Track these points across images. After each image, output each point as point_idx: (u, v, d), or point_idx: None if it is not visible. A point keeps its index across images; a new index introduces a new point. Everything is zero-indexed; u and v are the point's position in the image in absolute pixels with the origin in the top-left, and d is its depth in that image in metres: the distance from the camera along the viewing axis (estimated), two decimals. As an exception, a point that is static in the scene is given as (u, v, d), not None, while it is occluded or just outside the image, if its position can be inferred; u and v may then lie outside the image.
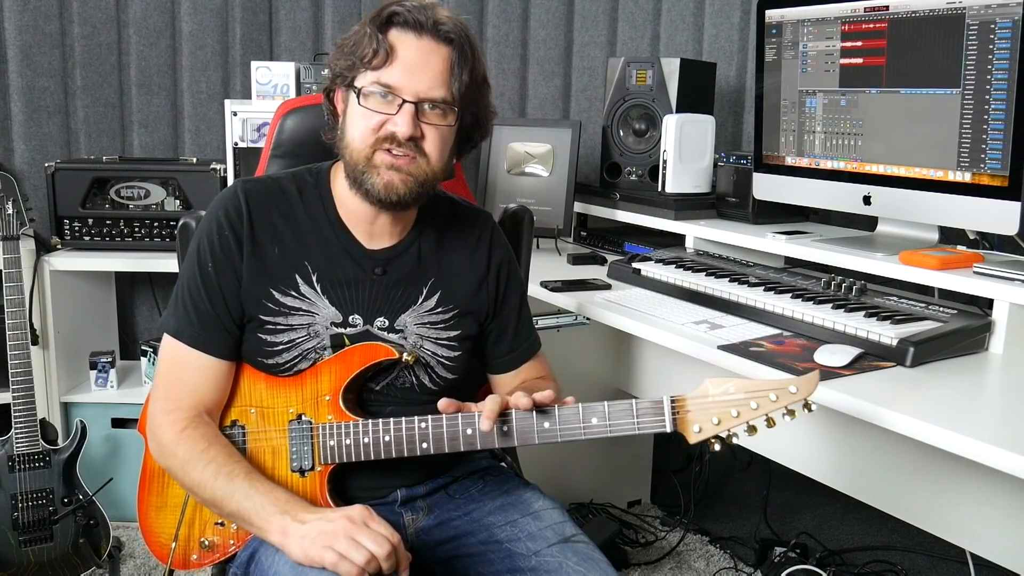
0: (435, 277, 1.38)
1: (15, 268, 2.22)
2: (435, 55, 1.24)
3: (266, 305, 1.30)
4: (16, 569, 2.19)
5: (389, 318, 1.35)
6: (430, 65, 1.24)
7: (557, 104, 2.97)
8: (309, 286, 1.32)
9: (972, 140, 1.67)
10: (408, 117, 1.23)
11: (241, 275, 1.30)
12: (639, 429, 1.18)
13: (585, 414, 1.20)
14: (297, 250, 1.32)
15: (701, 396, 1.17)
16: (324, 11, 2.88)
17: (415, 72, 1.23)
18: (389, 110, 1.24)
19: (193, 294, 1.31)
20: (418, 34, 1.23)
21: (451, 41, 1.24)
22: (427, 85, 1.23)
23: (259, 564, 1.25)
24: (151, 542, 1.38)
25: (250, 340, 1.33)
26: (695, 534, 2.58)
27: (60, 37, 2.71)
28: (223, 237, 1.30)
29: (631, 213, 2.40)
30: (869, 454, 1.61)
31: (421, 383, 1.37)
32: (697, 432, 1.16)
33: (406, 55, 1.23)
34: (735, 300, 1.74)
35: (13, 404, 2.20)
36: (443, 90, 1.24)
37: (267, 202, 1.33)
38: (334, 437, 1.28)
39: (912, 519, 1.58)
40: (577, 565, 1.26)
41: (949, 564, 2.29)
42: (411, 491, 1.38)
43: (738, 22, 2.62)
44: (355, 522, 1.16)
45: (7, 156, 2.70)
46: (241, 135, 2.55)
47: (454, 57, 1.24)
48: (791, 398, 1.14)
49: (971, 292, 1.62)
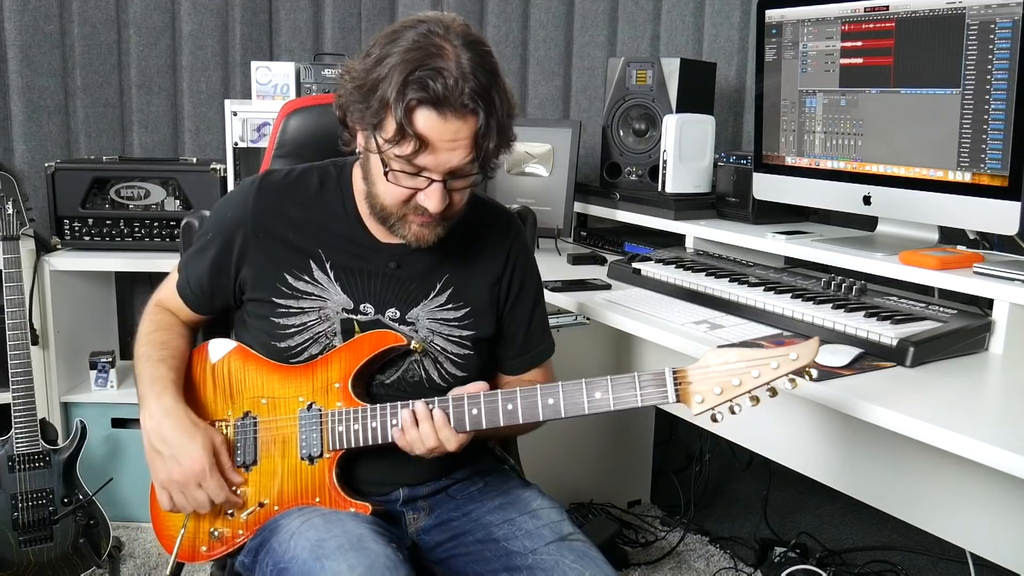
0: (450, 273, 1.39)
1: (15, 268, 2.22)
2: (462, 130, 1.19)
3: (279, 288, 1.35)
4: (16, 569, 2.19)
5: (401, 310, 1.37)
6: (457, 143, 1.20)
7: (557, 104, 2.97)
8: (323, 272, 1.35)
9: (972, 140, 1.67)
10: (438, 195, 1.23)
11: (241, 260, 1.37)
12: (642, 401, 1.19)
13: (589, 388, 1.21)
14: (311, 238, 1.36)
15: (703, 366, 1.17)
16: (324, 11, 2.87)
17: (443, 153, 1.20)
18: (418, 184, 1.24)
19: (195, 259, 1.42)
20: (443, 116, 1.18)
21: (475, 110, 1.19)
22: (456, 162, 1.21)
23: (271, 551, 1.26)
24: (161, 535, 1.39)
25: (261, 324, 1.36)
26: (695, 534, 2.58)
27: (60, 37, 2.71)
28: (226, 220, 1.39)
29: (631, 213, 2.40)
30: (869, 454, 1.61)
31: (430, 378, 1.38)
32: (700, 403, 1.16)
33: (433, 139, 1.19)
34: (735, 300, 1.74)
35: (13, 404, 2.20)
36: (470, 160, 1.22)
37: (283, 192, 1.39)
38: (342, 423, 1.30)
39: (912, 519, 1.57)
40: (574, 563, 1.26)
41: (949, 564, 2.29)
42: (413, 491, 1.39)
43: (738, 22, 2.62)
44: (188, 481, 1.28)
45: (7, 156, 2.70)
46: (241, 135, 2.55)
47: (481, 128, 1.20)
48: (792, 365, 1.14)
49: (971, 292, 1.62)
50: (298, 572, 1.18)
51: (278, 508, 1.32)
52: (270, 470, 1.33)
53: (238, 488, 1.33)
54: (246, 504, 1.33)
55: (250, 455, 1.34)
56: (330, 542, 1.19)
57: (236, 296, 1.41)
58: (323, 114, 1.70)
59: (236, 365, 1.38)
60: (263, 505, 1.33)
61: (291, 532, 1.24)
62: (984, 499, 1.45)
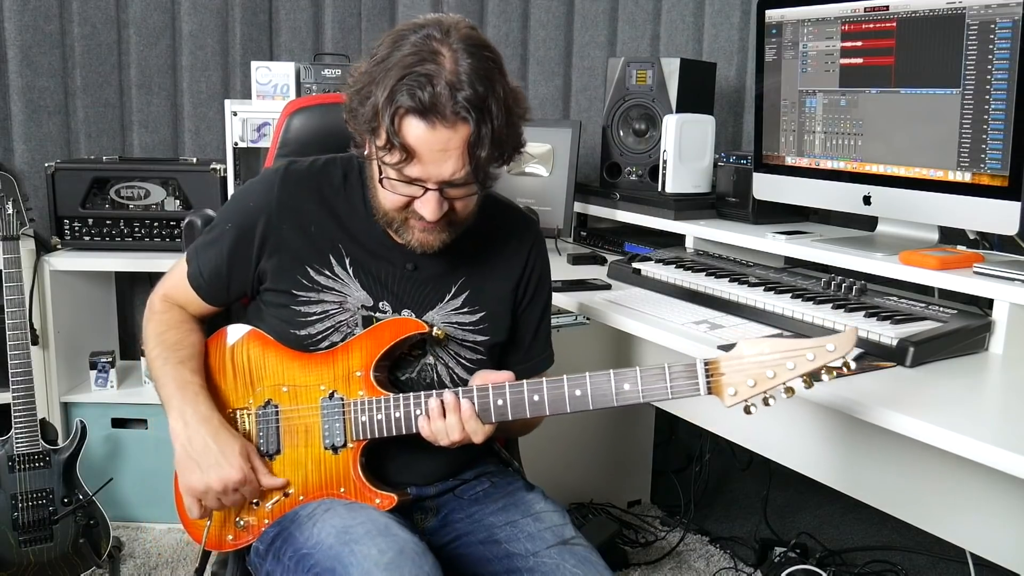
0: (466, 277, 1.39)
1: (15, 268, 2.22)
2: (453, 139, 1.17)
3: (300, 281, 1.34)
4: (16, 569, 2.19)
5: (417, 312, 1.37)
6: (448, 153, 1.18)
7: (557, 104, 2.97)
8: (342, 268, 1.35)
9: (972, 140, 1.67)
10: (434, 204, 1.23)
11: (262, 250, 1.35)
12: (672, 394, 1.16)
13: (617, 380, 1.19)
14: (333, 233, 1.36)
15: (736, 357, 1.13)
16: (324, 11, 2.87)
17: (433, 164, 1.19)
18: (413, 192, 1.23)
19: (208, 247, 1.39)
20: (431, 125, 1.16)
21: (466, 119, 1.16)
22: (449, 171, 1.20)
23: (290, 539, 1.26)
24: (188, 525, 1.39)
25: (281, 313, 1.35)
26: (695, 534, 2.58)
27: (60, 37, 2.71)
28: (248, 209, 1.37)
29: (631, 213, 2.40)
30: (869, 454, 1.61)
31: (442, 381, 1.38)
32: (732, 395, 1.13)
33: (421, 149, 1.18)
34: (735, 300, 1.74)
35: (13, 404, 2.20)
36: (464, 169, 1.20)
37: (307, 185, 1.37)
38: (365, 413, 1.30)
39: (912, 519, 1.57)
40: (574, 567, 1.27)
41: (949, 564, 2.29)
42: (421, 491, 1.39)
43: (738, 22, 2.62)
44: (226, 490, 1.28)
45: (7, 156, 2.70)
46: (241, 135, 2.55)
47: (472, 136, 1.17)
48: (829, 356, 1.10)
49: (971, 292, 1.62)
50: (324, 558, 1.18)
51: (303, 497, 1.33)
52: (294, 459, 1.33)
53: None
54: (272, 492, 1.34)
55: (272, 444, 1.34)
56: (357, 528, 1.20)
57: (254, 286, 1.39)
58: (326, 113, 1.70)
59: (255, 352, 1.37)
60: (288, 494, 1.33)
61: (313, 520, 1.25)
62: (984, 499, 1.45)
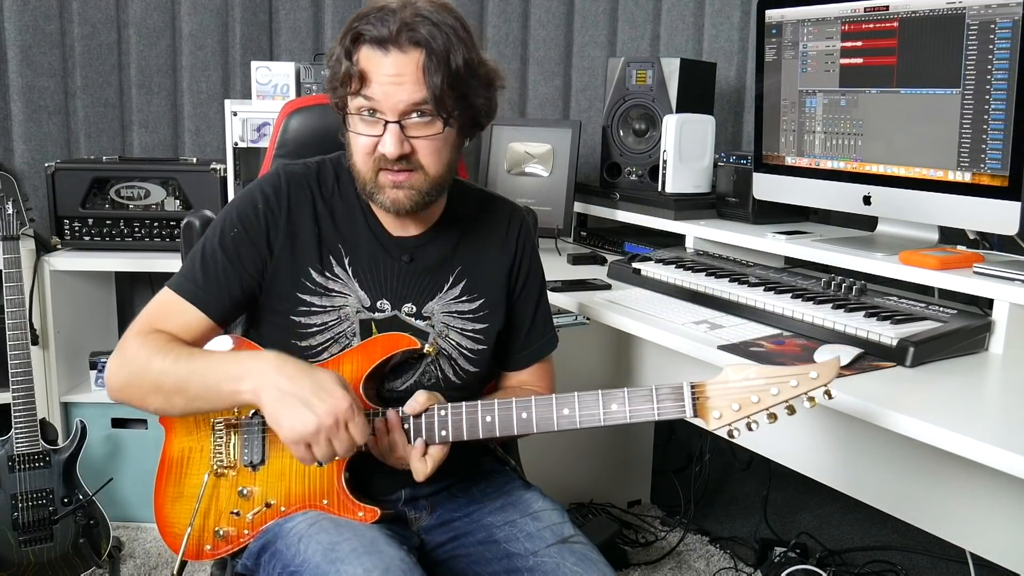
0: (462, 265, 1.40)
1: (15, 268, 2.22)
2: (406, 66, 1.21)
3: (304, 284, 1.34)
4: (16, 569, 2.19)
5: (417, 304, 1.37)
6: (403, 78, 1.21)
7: (557, 104, 2.97)
8: (342, 268, 1.36)
9: (972, 140, 1.67)
10: (394, 137, 1.23)
11: (270, 252, 1.33)
12: (659, 415, 1.18)
13: (605, 400, 1.20)
14: (333, 233, 1.36)
15: (721, 382, 1.16)
16: (324, 11, 2.87)
17: (389, 89, 1.22)
18: (376, 131, 1.25)
19: (206, 255, 1.33)
20: (385, 50, 1.21)
21: (418, 43, 1.20)
22: (405, 99, 1.22)
23: (277, 554, 1.25)
24: (165, 533, 1.38)
25: (282, 324, 1.35)
26: (695, 534, 2.58)
27: (60, 37, 2.71)
28: (256, 211, 1.34)
29: (631, 213, 2.40)
30: (869, 454, 1.61)
31: (446, 377, 1.38)
32: (717, 418, 1.16)
33: (377, 74, 1.22)
34: (735, 300, 1.74)
35: (13, 404, 2.20)
36: (420, 95, 1.22)
37: (308, 185, 1.38)
38: None
39: (912, 519, 1.57)
40: (574, 566, 1.26)
41: (949, 564, 2.29)
42: (415, 490, 1.39)
43: (738, 22, 2.62)
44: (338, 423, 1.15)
45: (7, 156, 2.70)
46: (241, 135, 2.55)
47: (424, 61, 1.20)
48: (811, 384, 1.13)
49: (971, 292, 1.62)
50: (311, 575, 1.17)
51: (285, 509, 1.32)
52: (278, 470, 1.33)
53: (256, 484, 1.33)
54: (253, 503, 1.33)
55: (258, 455, 1.33)
56: (343, 545, 1.19)
57: (258, 290, 1.35)
58: (324, 114, 1.70)
59: None
60: (270, 505, 1.33)
61: (299, 535, 1.24)
62: (984, 499, 1.45)
